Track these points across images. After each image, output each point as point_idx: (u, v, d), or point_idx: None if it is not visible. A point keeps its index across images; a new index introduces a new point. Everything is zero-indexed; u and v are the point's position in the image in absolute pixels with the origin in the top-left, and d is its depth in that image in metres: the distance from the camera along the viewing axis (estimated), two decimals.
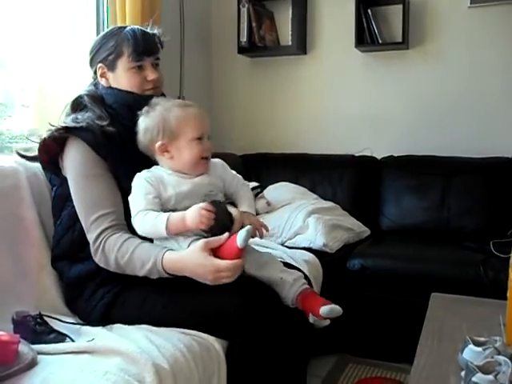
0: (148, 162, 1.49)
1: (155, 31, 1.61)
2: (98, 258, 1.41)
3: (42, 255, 1.55)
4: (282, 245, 2.37)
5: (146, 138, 1.46)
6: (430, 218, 2.70)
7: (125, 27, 1.57)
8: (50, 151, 1.51)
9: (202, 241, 1.33)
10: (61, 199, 1.55)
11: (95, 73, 1.60)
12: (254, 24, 3.12)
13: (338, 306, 1.38)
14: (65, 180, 1.51)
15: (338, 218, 2.60)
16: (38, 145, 1.52)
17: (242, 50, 3.19)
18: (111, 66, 1.55)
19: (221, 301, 1.32)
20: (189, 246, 1.36)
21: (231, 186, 1.56)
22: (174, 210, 1.39)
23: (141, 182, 1.42)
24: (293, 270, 1.49)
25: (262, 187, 2.74)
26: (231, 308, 1.31)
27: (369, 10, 2.95)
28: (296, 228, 2.42)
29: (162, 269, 1.33)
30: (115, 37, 1.54)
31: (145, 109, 1.48)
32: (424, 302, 1.60)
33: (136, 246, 1.37)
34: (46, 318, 1.29)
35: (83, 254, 1.46)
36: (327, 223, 2.43)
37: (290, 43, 3.15)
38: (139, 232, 1.39)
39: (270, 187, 2.80)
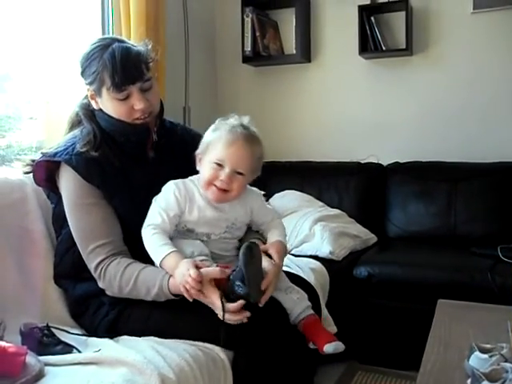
0: (148, 188, 1.44)
1: (141, 49, 1.43)
2: (102, 285, 1.41)
3: (50, 267, 1.56)
4: (288, 253, 2.37)
5: None
6: (436, 224, 2.69)
7: (109, 45, 1.40)
8: (46, 168, 1.47)
9: (204, 270, 1.30)
10: (60, 217, 1.52)
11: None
12: (257, 33, 3.14)
13: (341, 343, 1.38)
14: (62, 198, 1.48)
15: (345, 226, 2.60)
16: (34, 158, 1.51)
17: (246, 59, 3.20)
18: (97, 92, 1.44)
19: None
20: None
21: (260, 217, 1.52)
22: (191, 231, 1.40)
23: (169, 194, 1.40)
24: (299, 289, 1.48)
25: (268, 196, 2.75)
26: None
27: (372, 18, 2.95)
28: (302, 236, 2.42)
29: (168, 292, 1.32)
30: (96, 61, 1.39)
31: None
32: (431, 309, 1.59)
33: (139, 271, 1.36)
34: (53, 330, 1.30)
35: (86, 273, 1.44)
36: (333, 231, 2.43)
37: (294, 52, 3.17)
38: (144, 242, 1.38)
39: (276, 195, 2.81)
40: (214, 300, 1.28)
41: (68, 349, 1.26)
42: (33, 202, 1.63)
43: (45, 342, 1.24)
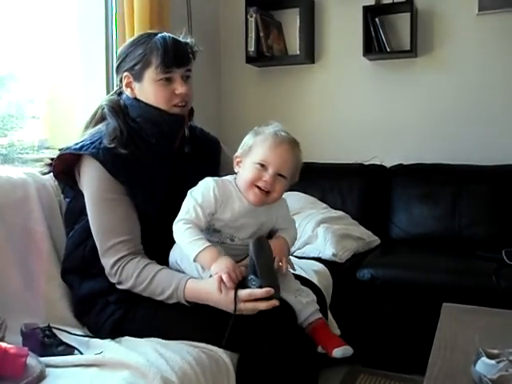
0: (168, 185, 1.45)
1: (188, 40, 1.50)
2: (115, 280, 1.39)
3: (51, 267, 1.55)
4: (291, 255, 2.35)
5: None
6: (440, 226, 2.68)
7: (156, 34, 1.46)
8: (66, 161, 1.47)
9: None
10: (74, 212, 1.52)
11: (121, 81, 1.51)
12: (261, 34, 3.12)
13: (350, 348, 1.38)
14: (79, 193, 1.47)
15: (348, 228, 2.58)
16: (52, 156, 1.51)
17: (249, 59, 3.19)
18: (138, 76, 1.45)
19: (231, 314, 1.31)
20: (210, 276, 1.33)
21: (281, 226, 1.51)
22: (217, 231, 1.39)
23: (208, 190, 1.38)
24: (308, 291, 1.48)
25: None
26: (241, 321, 1.29)
27: (376, 19, 2.94)
28: (305, 238, 2.41)
29: (182, 295, 1.32)
30: (144, 45, 1.44)
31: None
32: (436, 313, 1.58)
33: (156, 272, 1.35)
34: (54, 330, 1.29)
35: (95, 269, 1.44)
36: (336, 233, 2.42)
37: (297, 52, 3.15)
38: (175, 239, 1.36)
39: None
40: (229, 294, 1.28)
41: (70, 350, 1.24)
42: (35, 201, 1.61)
43: (46, 342, 1.22)
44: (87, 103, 2.42)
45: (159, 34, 1.46)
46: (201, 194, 1.38)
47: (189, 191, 1.40)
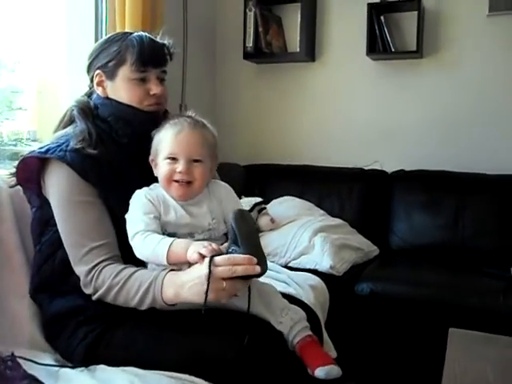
0: (144, 184, 1.34)
1: (165, 41, 1.44)
2: (89, 290, 1.26)
3: (23, 282, 1.40)
4: (286, 266, 2.22)
5: None
6: (443, 237, 2.56)
7: (131, 33, 1.41)
8: (30, 167, 1.35)
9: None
10: (40, 223, 1.40)
11: (91, 80, 1.43)
12: (260, 29, 3.00)
13: (336, 367, 1.23)
14: (45, 202, 1.36)
15: (346, 237, 2.45)
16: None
17: (247, 55, 3.07)
18: (110, 74, 1.38)
19: (218, 344, 1.18)
20: None
21: (229, 209, 1.38)
22: (173, 235, 1.26)
23: (141, 199, 1.29)
24: (296, 308, 1.35)
25: (265, 202, 2.59)
26: (228, 352, 1.16)
27: (381, 17, 2.81)
28: (301, 248, 2.27)
29: (160, 285, 1.17)
30: (119, 42, 1.38)
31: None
32: (438, 332, 1.48)
33: (136, 270, 1.24)
34: (19, 360, 1.14)
35: (65, 286, 1.31)
36: (335, 243, 2.29)
37: (297, 49, 3.02)
38: (138, 255, 1.25)
39: (275, 201, 2.66)
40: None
41: None
42: (7, 208, 1.47)
43: (8, 375, 1.08)
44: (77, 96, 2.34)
45: (135, 33, 1.40)
46: (137, 205, 1.28)
47: (125, 215, 1.29)
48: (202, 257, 1.14)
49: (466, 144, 2.81)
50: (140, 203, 1.28)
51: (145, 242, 1.22)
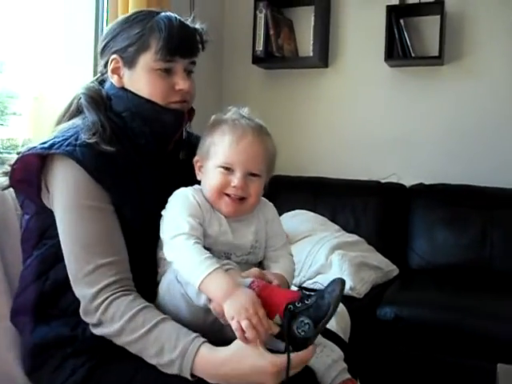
0: (156, 194, 1.14)
1: (197, 26, 1.23)
2: (90, 319, 1.05)
3: (1, 305, 1.19)
4: (300, 286, 2.03)
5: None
6: (468, 256, 2.40)
7: (158, 12, 1.19)
8: (29, 166, 1.13)
9: None
10: (35, 234, 1.17)
11: (105, 66, 1.22)
12: (271, 32, 2.86)
13: None
14: (43, 209, 1.14)
15: (364, 255, 2.27)
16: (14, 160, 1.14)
17: (256, 59, 2.93)
18: (129, 61, 1.17)
19: None
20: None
21: (271, 235, 1.21)
22: (208, 249, 1.06)
23: (188, 198, 1.11)
24: (333, 346, 1.15)
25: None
26: None
27: (401, 20, 2.68)
28: (317, 266, 2.09)
29: (190, 366, 0.97)
30: (143, 23, 1.16)
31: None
32: (470, 363, 1.29)
33: (158, 321, 1.01)
34: None
35: (54, 310, 1.10)
36: (353, 261, 2.11)
37: (310, 54, 2.89)
38: (168, 258, 1.05)
39: (286, 215, 2.47)
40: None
41: None
42: None
43: None
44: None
45: (163, 13, 1.18)
46: (183, 205, 1.10)
47: (162, 211, 1.10)
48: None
49: (489, 156, 2.66)
50: (187, 203, 1.10)
51: (188, 249, 1.03)
